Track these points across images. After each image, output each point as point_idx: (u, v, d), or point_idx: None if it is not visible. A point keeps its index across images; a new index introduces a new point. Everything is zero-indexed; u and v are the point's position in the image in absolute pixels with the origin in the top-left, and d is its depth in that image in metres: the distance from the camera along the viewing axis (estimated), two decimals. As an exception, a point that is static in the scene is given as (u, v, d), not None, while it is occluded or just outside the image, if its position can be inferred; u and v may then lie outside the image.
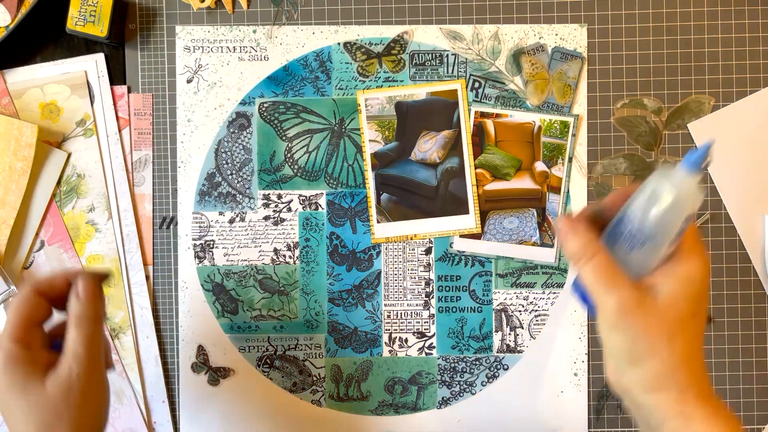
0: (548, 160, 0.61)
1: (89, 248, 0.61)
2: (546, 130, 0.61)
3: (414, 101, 0.61)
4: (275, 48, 0.61)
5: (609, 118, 0.61)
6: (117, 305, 0.61)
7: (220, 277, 0.62)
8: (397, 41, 0.61)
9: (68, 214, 0.61)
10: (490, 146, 0.61)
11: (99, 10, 0.58)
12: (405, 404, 0.62)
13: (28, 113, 0.61)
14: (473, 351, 0.62)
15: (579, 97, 0.61)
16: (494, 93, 0.61)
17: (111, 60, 0.62)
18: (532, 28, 0.61)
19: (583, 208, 0.46)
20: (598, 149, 0.61)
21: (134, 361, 0.61)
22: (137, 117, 0.62)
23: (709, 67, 0.61)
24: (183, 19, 0.62)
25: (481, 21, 0.61)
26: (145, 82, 0.62)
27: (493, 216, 0.61)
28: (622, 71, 0.61)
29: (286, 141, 0.62)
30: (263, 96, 0.61)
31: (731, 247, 0.61)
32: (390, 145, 0.61)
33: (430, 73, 0.61)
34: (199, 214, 0.62)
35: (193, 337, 0.62)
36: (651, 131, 0.61)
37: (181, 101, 0.62)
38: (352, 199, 0.62)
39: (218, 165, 0.62)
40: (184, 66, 0.61)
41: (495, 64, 0.61)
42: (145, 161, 0.62)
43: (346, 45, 0.61)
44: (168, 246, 0.62)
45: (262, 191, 0.62)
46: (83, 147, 0.61)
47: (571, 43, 0.61)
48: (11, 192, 0.59)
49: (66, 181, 0.61)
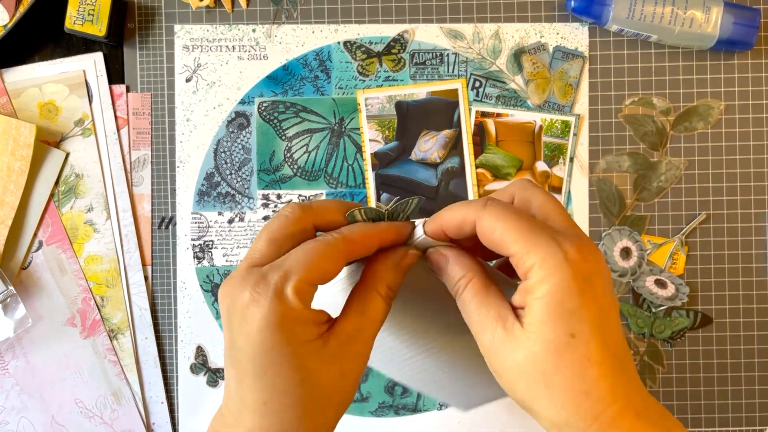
0: (549, 159, 0.61)
1: (87, 248, 0.61)
2: (547, 130, 0.61)
3: (414, 101, 0.61)
4: (275, 47, 0.61)
5: (611, 117, 0.61)
6: (115, 306, 0.61)
7: (219, 277, 0.62)
8: (397, 40, 0.61)
9: (66, 214, 0.61)
10: (491, 146, 0.61)
11: (98, 9, 0.58)
12: (405, 406, 0.62)
13: (26, 113, 0.61)
14: (474, 352, 0.61)
15: (580, 96, 0.61)
16: (495, 92, 0.61)
17: (110, 59, 0.61)
18: (533, 27, 0.61)
19: None
20: (599, 149, 0.61)
21: (133, 362, 0.61)
22: (136, 116, 0.61)
23: (710, 66, 0.61)
24: (182, 18, 0.61)
25: (482, 20, 0.61)
26: (143, 81, 0.61)
27: (493, 216, 0.61)
28: (623, 71, 0.61)
29: (286, 140, 0.61)
30: (262, 95, 0.61)
31: (732, 247, 0.61)
32: (390, 145, 0.61)
33: (431, 73, 0.61)
34: (198, 215, 0.61)
35: (192, 337, 0.62)
36: (658, 131, 0.61)
37: (180, 101, 0.61)
38: (352, 199, 0.61)
39: (217, 165, 0.61)
40: (183, 65, 0.61)
41: (496, 64, 0.61)
42: (144, 161, 0.61)
43: (346, 44, 0.61)
44: (167, 246, 0.62)
45: (262, 191, 0.61)
46: (82, 147, 0.61)
47: (572, 43, 0.60)
48: (9, 192, 0.59)
49: (64, 181, 0.61)
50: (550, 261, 0.29)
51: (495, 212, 0.31)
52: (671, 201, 0.61)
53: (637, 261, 0.60)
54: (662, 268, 0.61)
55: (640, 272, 0.60)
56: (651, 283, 0.60)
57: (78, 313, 0.61)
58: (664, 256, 0.61)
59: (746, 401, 0.61)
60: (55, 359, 0.61)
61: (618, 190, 0.61)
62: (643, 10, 0.57)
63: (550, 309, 0.29)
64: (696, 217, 0.61)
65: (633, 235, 0.61)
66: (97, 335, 0.61)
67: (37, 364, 0.61)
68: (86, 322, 0.61)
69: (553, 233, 0.30)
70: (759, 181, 0.61)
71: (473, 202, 0.32)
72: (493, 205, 0.31)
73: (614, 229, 0.61)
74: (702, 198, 0.61)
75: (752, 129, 0.61)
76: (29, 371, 0.61)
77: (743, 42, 0.57)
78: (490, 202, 0.31)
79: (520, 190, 0.34)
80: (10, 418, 0.61)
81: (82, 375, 0.61)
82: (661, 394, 0.61)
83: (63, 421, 0.61)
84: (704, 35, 0.57)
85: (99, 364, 0.61)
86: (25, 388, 0.61)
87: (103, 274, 0.61)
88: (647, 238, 0.61)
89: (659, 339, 0.61)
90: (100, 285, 0.61)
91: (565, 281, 0.29)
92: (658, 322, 0.61)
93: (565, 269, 0.29)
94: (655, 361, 0.61)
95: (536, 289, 0.29)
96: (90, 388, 0.61)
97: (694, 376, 0.61)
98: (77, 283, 0.61)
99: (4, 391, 0.61)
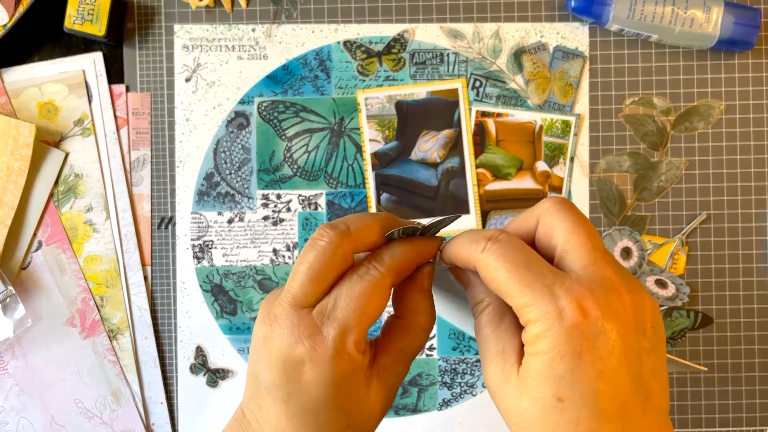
0: (549, 159, 0.61)
1: (87, 248, 0.61)
2: (547, 130, 0.60)
3: (414, 100, 0.61)
4: (274, 47, 0.61)
5: (611, 117, 0.61)
6: (115, 306, 0.61)
7: (219, 277, 0.61)
8: (397, 40, 0.61)
9: (66, 214, 0.61)
10: (491, 146, 0.61)
11: (97, 8, 0.58)
12: (405, 406, 0.62)
13: (25, 112, 0.61)
14: (474, 352, 0.61)
15: (581, 96, 0.61)
16: (495, 92, 0.61)
17: (109, 59, 0.61)
18: (533, 27, 0.60)
19: None
20: (599, 149, 0.61)
21: (132, 363, 0.61)
22: (135, 116, 0.61)
23: (711, 66, 0.61)
24: (182, 18, 0.61)
25: (482, 20, 0.61)
26: (143, 81, 0.61)
27: (494, 216, 0.61)
28: (624, 70, 0.61)
29: (286, 140, 0.61)
30: (262, 95, 0.61)
31: (733, 247, 0.61)
32: (390, 145, 0.61)
33: (431, 72, 0.61)
34: (198, 214, 0.61)
35: (192, 338, 0.61)
36: (658, 131, 0.60)
37: (179, 100, 0.61)
38: (351, 199, 0.61)
39: (217, 165, 0.61)
40: (182, 65, 0.61)
41: (496, 63, 0.61)
42: (144, 161, 0.61)
43: (345, 44, 0.61)
44: (166, 246, 0.61)
45: (261, 191, 0.61)
46: (81, 146, 0.61)
47: (572, 42, 0.60)
48: (9, 192, 0.59)
49: (64, 181, 0.61)
50: (545, 319, 0.27)
51: (492, 259, 0.29)
52: (672, 201, 0.61)
53: (637, 261, 0.60)
54: (663, 268, 0.61)
55: (640, 272, 0.60)
56: (651, 283, 0.60)
57: (77, 314, 0.61)
58: (665, 257, 0.61)
59: (746, 401, 0.61)
60: (55, 359, 0.61)
61: (618, 190, 0.61)
62: (643, 10, 0.57)
63: (541, 369, 0.27)
64: (696, 217, 0.61)
65: (633, 235, 0.61)
66: (96, 335, 0.61)
67: (37, 365, 0.61)
68: (86, 323, 0.61)
69: (554, 285, 0.28)
70: (759, 181, 0.61)
71: (476, 239, 0.31)
72: (491, 251, 0.29)
73: (614, 229, 0.61)
74: (702, 198, 0.61)
75: (753, 129, 0.61)
76: (29, 371, 0.61)
77: (744, 42, 0.57)
78: (490, 245, 0.30)
79: (546, 214, 0.31)
80: (9, 418, 0.61)
81: (81, 375, 0.61)
82: (661, 395, 0.61)
83: (62, 421, 0.61)
84: (705, 35, 0.57)
85: (98, 365, 0.61)
86: (24, 389, 0.61)
87: (102, 274, 0.61)
88: (648, 238, 0.61)
89: (659, 339, 0.61)
90: (100, 285, 0.61)
91: (557, 342, 0.27)
92: (658, 323, 0.61)
93: (556, 330, 0.27)
94: (656, 361, 0.61)
95: (531, 345, 0.28)
96: (89, 388, 0.61)
97: (694, 376, 0.61)
98: (77, 283, 0.61)
99: (4, 392, 0.61)
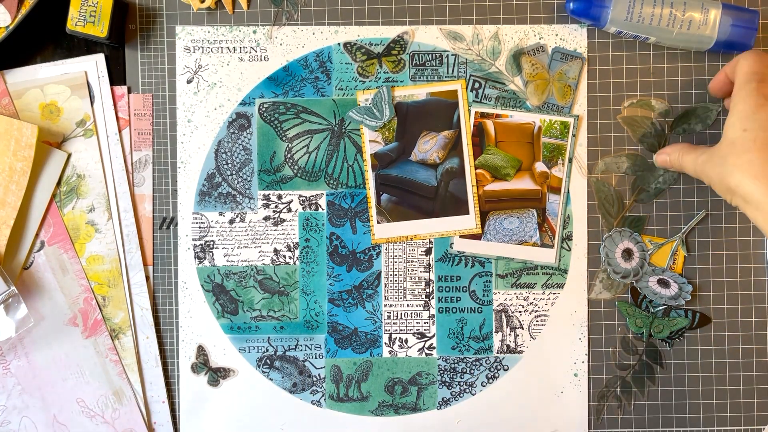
0: (548, 160, 0.61)
1: (89, 248, 0.61)
2: (546, 131, 0.61)
3: (414, 102, 0.61)
4: (275, 48, 0.61)
5: (609, 118, 0.61)
6: (117, 305, 0.61)
7: (220, 277, 0.62)
8: (397, 42, 0.61)
9: (68, 215, 0.61)
10: (490, 147, 0.61)
11: (99, 10, 0.58)
12: (405, 405, 0.62)
13: (28, 113, 0.61)
14: (473, 351, 0.62)
15: (579, 97, 0.61)
16: (494, 93, 0.61)
17: (111, 60, 0.62)
18: (532, 29, 0.61)
19: None
20: (598, 150, 0.61)
21: (134, 362, 0.61)
22: (137, 117, 0.62)
23: (709, 68, 0.61)
24: (183, 20, 0.62)
25: (481, 21, 0.61)
26: (145, 82, 0.62)
27: (493, 216, 0.61)
28: (622, 72, 0.61)
29: (286, 141, 0.62)
30: (263, 96, 0.61)
31: (731, 247, 0.61)
32: (390, 146, 0.61)
33: (430, 74, 0.61)
34: (199, 215, 0.62)
35: (193, 337, 0.62)
36: (656, 133, 0.61)
37: (181, 102, 0.62)
38: (352, 199, 0.62)
39: (218, 165, 0.62)
40: (184, 66, 0.61)
41: (495, 65, 0.61)
42: (145, 162, 0.62)
43: (346, 45, 0.61)
44: (168, 246, 0.62)
45: (262, 192, 0.62)
46: (83, 147, 0.61)
47: (571, 44, 0.61)
48: (11, 192, 0.59)
49: (66, 182, 0.61)
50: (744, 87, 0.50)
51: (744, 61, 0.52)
52: (670, 201, 0.61)
53: (639, 262, 0.61)
54: (664, 268, 0.61)
55: (642, 273, 0.61)
56: (654, 283, 0.60)
57: (79, 313, 0.61)
58: (665, 256, 0.61)
59: (744, 401, 0.61)
60: (57, 359, 0.61)
61: (616, 191, 0.61)
62: (641, 12, 0.57)
63: (734, 113, 0.50)
64: (695, 216, 0.61)
65: (634, 236, 0.61)
66: (98, 335, 0.61)
67: (39, 364, 0.61)
68: (88, 322, 0.61)
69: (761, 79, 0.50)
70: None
71: None
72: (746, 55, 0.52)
73: (615, 231, 0.61)
74: (700, 198, 0.61)
75: (750, 130, 0.61)
76: (31, 371, 0.61)
77: (741, 44, 0.58)
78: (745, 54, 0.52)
79: None
80: (11, 417, 0.61)
81: (83, 374, 0.61)
82: (659, 394, 0.61)
83: (64, 420, 0.61)
84: (702, 37, 0.57)
85: (100, 364, 0.61)
86: (26, 388, 0.61)
87: (104, 274, 0.61)
88: (648, 239, 0.61)
89: (658, 339, 0.61)
90: (102, 285, 0.61)
91: (747, 96, 0.50)
92: (656, 322, 0.61)
93: (748, 89, 0.50)
94: (654, 360, 0.61)
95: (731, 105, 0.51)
96: (91, 387, 0.61)
97: (693, 375, 0.61)
98: (79, 283, 0.61)
99: (6, 391, 0.61)
